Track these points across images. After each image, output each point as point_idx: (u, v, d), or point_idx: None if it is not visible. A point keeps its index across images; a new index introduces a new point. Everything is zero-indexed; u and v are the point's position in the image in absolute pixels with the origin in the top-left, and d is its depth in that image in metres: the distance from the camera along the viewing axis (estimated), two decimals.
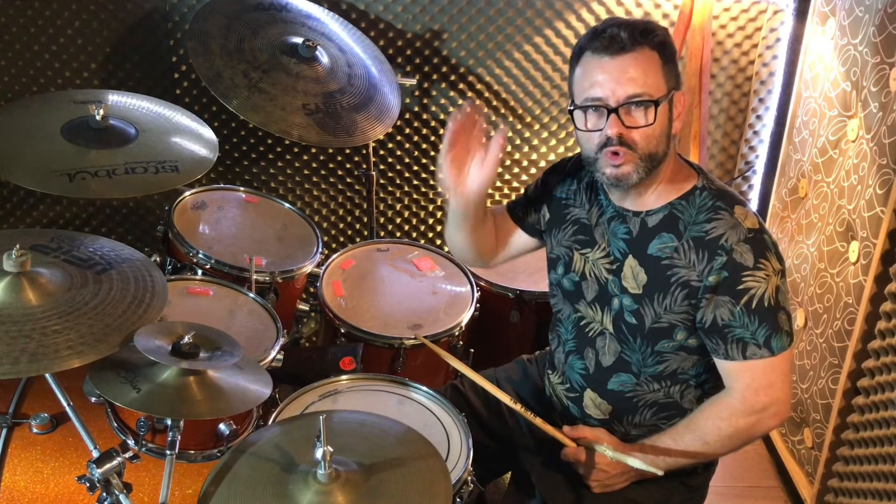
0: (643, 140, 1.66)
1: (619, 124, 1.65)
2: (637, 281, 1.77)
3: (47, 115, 2.24)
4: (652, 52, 1.64)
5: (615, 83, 1.63)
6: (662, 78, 1.66)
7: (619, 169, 1.68)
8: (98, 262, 1.80)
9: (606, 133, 1.66)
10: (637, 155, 1.67)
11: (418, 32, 2.94)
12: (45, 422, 1.95)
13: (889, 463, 2.19)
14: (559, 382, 1.97)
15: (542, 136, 3.12)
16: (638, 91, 1.63)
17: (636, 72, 1.63)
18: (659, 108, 1.64)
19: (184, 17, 2.90)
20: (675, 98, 1.70)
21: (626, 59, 1.63)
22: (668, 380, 1.82)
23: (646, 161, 1.68)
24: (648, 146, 1.67)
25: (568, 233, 1.90)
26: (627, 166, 1.68)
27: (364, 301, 2.39)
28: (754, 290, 1.66)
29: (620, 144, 1.66)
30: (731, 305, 1.67)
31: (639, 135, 1.65)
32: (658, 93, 1.65)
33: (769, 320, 1.67)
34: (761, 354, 1.68)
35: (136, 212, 3.21)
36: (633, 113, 1.65)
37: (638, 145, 1.66)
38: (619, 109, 1.64)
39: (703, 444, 1.77)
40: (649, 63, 1.64)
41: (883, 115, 2.24)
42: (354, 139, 2.58)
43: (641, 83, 1.63)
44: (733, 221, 1.69)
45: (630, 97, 1.63)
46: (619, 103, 1.64)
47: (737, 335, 1.69)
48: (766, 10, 2.90)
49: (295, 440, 1.60)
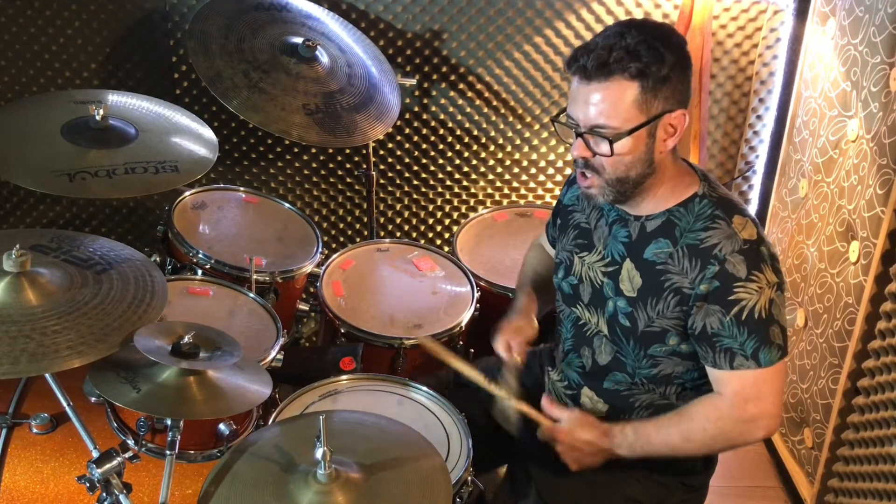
0: (611, 166, 1.66)
1: (584, 148, 1.66)
2: (632, 284, 1.77)
3: (47, 115, 2.24)
4: (627, 82, 1.59)
5: (581, 109, 1.63)
6: (637, 108, 1.61)
7: (588, 190, 1.73)
8: (98, 262, 1.80)
9: (573, 153, 1.68)
10: (603, 179, 1.68)
11: (418, 32, 2.94)
12: (45, 422, 1.95)
13: (889, 463, 2.19)
14: (558, 380, 1.97)
15: (542, 135, 3.12)
16: (601, 122, 1.62)
17: (604, 103, 1.60)
18: (619, 141, 1.62)
19: (184, 17, 2.90)
20: (667, 120, 1.64)
21: (598, 87, 1.60)
22: (662, 382, 1.82)
23: (614, 185, 1.69)
24: (616, 172, 1.67)
25: (570, 237, 1.91)
26: (594, 189, 1.71)
27: (364, 301, 2.39)
28: (745, 302, 1.65)
29: (585, 167, 1.69)
30: (721, 315, 1.67)
31: (605, 161, 1.66)
32: (626, 124, 1.61)
33: (759, 333, 1.66)
34: (748, 366, 1.68)
35: (136, 212, 3.21)
36: (599, 141, 1.64)
37: (605, 171, 1.67)
38: (584, 134, 1.64)
39: (684, 441, 1.77)
40: (619, 94, 1.59)
41: (883, 115, 2.24)
42: (354, 139, 2.58)
43: (606, 115, 1.61)
44: (729, 231, 1.68)
45: (593, 127, 1.63)
46: (586, 128, 1.64)
47: (725, 345, 1.68)
48: (766, 10, 2.90)
49: (295, 440, 1.61)
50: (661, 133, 1.65)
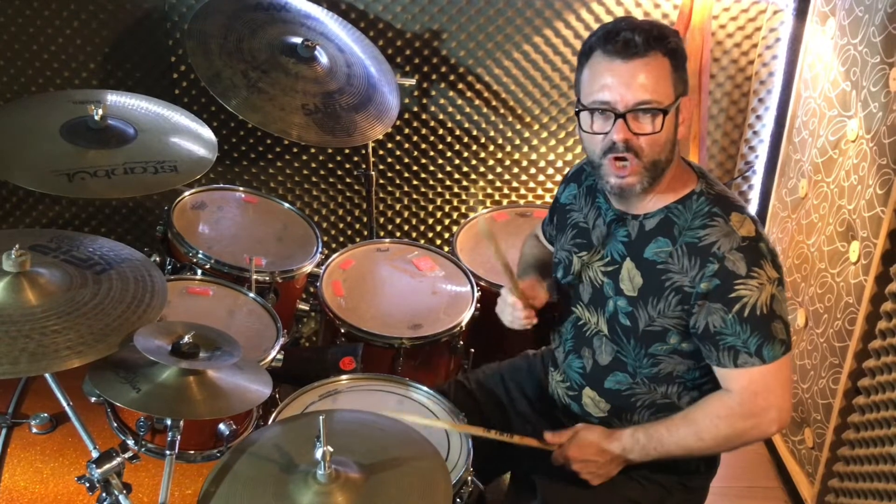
0: (649, 147, 1.65)
1: (626, 130, 1.63)
2: (633, 284, 1.77)
3: (46, 115, 2.24)
4: (664, 59, 1.62)
5: (625, 88, 1.62)
6: (672, 85, 1.64)
7: (624, 180, 1.68)
8: (98, 262, 1.79)
9: (612, 138, 1.64)
10: (642, 163, 1.66)
11: (417, 32, 2.94)
12: (45, 422, 1.95)
13: (890, 463, 2.19)
14: (560, 380, 1.97)
15: (542, 136, 3.12)
16: (647, 98, 1.62)
17: (647, 78, 1.61)
18: (667, 116, 1.63)
19: (183, 17, 2.89)
20: (682, 104, 1.68)
21: (638, 64, 1.61)
22: (663, 381, 1.82)
23: (650, 169, 1.67)
24: (653, 153, 1.66)
25: (568, 236, 1.91)
26: (632, 177, 1.67)
27: (364, 301, 2.39)
28: (747, 299, 1.65)
29: (626, 150, 1.65)
30: (723, 313, 1.67)
31: (645, 141, 1.64)
32: (667, 100, 1.63)
33: (762, 329, 1.66)
34: (753, 363, 1.68)
35: (136, 212, 3.21)
36: (641, 119, 1.63)
37: (644, 152, 1.65)
38: (626, 115, 1.62)
39: (697, 440, 1.77)
40: (660, 70, 1.62)
41: (883, 115, 2.24)
42: (354, 139, 2.57)
43: (651, 90, 1.61)
44: (727, 229, 1.68)
45: (639, 103, 1.62)
46: (628, 109, 1.62)
47: (728, 343, 1.68)
48: (765, 10, 2.90)
49: (295, 440, 1.60)
50: (679, 116, 1.69)
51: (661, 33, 1.63)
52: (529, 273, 2.06)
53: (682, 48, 1.66)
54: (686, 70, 1.68)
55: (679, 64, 1.65)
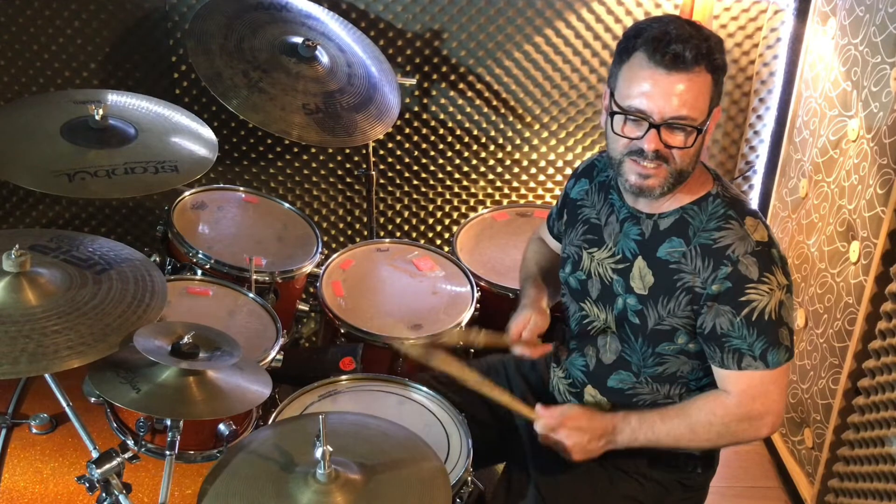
0: (679, 158, 1.64)
1: (658, 141, 1.62)
2: (644, 282, 1.77)
3: (47, 114, 2.24)
4: (707, 75, 1.60)
5: (664, 100, 1.59)
6: (709, 100, 1.62)
7: (646, 181, 1.67)
8: (98, 262, 1.79)
9: (642, 146, 1.63)
10: (668, 170, 1.65)
11: (418, 32, 2.94)
12: (45, 422, 1.95)
13: (889, 463, 2.19)
14: (562, 377, 1.97)
15: (542, 135, 3.12)
16: (685, 114, 1.60)
17: (688, 93, 1.59)
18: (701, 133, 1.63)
19: (183, 17, 2.89)
20: (714, 114, 1.66)
21: (682, 77, 1.58)
22: (666, 381, 1.82)
23: (675, 176, 1.66)
24: (682, 164, 1.65)
25: (579, 232, 1.90)
26: (655, 180, 1.66)
27: (364, 301, 2.39)
28: (756, 303, 1.66)
29: (655, 158, 1.64)
30: (732, 316, 1.67)
31: (676, 153, 1.64)
32: (702, 116, 1.62)
33: (768, 334, 1.67)
34: (756, 367, 1.68)
35: (136, 212, 3.21)
36: (675, 132, 1.62)
37: (673, 161, 1.64)
38: (661, 126, 1.61)
39: (689, 433, 1.77)
40: (702, 86, 1.60)
41: (883, 115, 2.24)
42: (354, 139, 2.57)
43: (690, 106, 1.59)
44: (742, 233, 1.68)
45: (676, 118, 1.60)
46: (664, 121, 1.60)
47: (734, 345, 1.69)
48: (766, 10, 2.90)
49: (294, 440, 1.60)
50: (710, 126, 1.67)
51: (710, 49, 1.59)
52: (530, 282, 2.06)
53: (725, 63, 1.63)
54: (723, 83, 1.66)
55: (719, 78, 1.63)
